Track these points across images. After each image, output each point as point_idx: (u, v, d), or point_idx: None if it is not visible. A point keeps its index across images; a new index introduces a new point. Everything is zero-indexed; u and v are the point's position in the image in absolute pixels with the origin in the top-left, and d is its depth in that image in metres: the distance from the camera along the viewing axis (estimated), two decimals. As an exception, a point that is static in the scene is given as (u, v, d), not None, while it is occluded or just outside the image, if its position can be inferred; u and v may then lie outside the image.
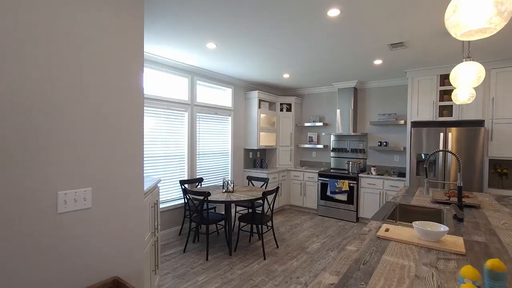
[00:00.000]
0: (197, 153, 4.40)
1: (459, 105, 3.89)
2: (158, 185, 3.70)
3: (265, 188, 4.35)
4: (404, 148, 4.78)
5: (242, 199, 3.28)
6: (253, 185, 4.50)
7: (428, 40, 2.99)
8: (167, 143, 3.94)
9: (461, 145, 3.76)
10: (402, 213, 2.39)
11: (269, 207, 3.49)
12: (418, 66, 4.01)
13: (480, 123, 3.94)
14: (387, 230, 1.61)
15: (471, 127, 3.70)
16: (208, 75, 4.51)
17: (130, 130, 1.58)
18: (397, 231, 1.59)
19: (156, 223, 2.34)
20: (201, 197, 3.30)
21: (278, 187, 3.55)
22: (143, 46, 1.65)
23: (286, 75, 4.68)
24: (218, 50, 3.42)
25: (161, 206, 3.82)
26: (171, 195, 4.03)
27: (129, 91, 1.56)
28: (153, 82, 3.78)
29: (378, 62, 3.80)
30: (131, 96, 1.58)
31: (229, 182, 3.75)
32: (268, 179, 4.33)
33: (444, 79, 4.06)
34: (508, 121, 3.60)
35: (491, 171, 3.89)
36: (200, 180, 4.31)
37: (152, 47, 3.35)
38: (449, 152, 1.88)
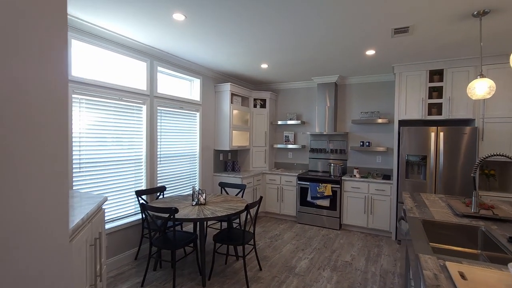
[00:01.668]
0: (159, 155, 3.58)
1: (449, 103, 3.67)
2: (104, 206, 2.84)
3: (242, 196, 3.70)
4: (388, 149, 4.49)
5: (220, 215, 2.60)
6: (227, 193, 3.83)
7: (435, 26, 2.61)
8: (119, 144, 3.08)
9: (452, 145, 3.53)
10: (427, 230, 1.94)
11: (252, 222, 2.86)
12: (407, 60, 3.70)
13: (469, 122, 3.76)
14: (462, 275, 1.08)
15: (464, 126, 3.48)
16: (172, 61, 3.71)
17: (43, 132, 0.83)
18: (477, 276, 1.07)
19: (98, 267, 1.56)
20: (166, 215, 2.54)
21: (261, 197, 2.93)
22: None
23: (264, 65, 4.08)
24: (187, 25, 2.68)
25: (111, 225, 2.95)
26: (124, 210, 3.17)
27: (37, 70, 0.81)
28: (100, 64, 2.90)
29: (370, 52, 3.39)
30: (42, 80, 0.83)
31: (200, 191, 3.04)
32: (245, 185, 3.69)
33: (433, 75, 3.82)
34: (499, 120, 3.44)
35: (478, 172, 3.73)
36: (162, 189, 3.51)
37: (97, 17, 2.50)
38: None
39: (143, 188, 3.38)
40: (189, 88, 4.25)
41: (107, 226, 2.91)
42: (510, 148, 3.39)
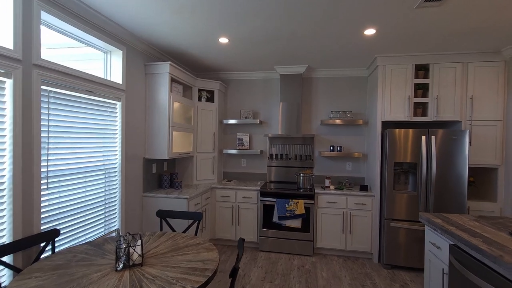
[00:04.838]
0: (45, 174, 1.98)
1: (435, 103, 3.23)
2: None
3: (196, 231, 2.42)
4: (363, 154, 3.89)
5: (181, 296, 1.32)
6: (171, 228, 2.48)
7: (477, -4, 1.98)
8: None
9: (444, 151, 3.08)
10: None
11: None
12: (392, 50, 3.11)
13: (455, 125, 3.41)
14: None
15: (455, 129, 3.07)
16: (72, 8, 2.15)
17: None
18: None
19: None
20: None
21: (243, 240, 1.77)
22: None
23: (224, 40, 2.88)
24: None
25: None
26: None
27: None
28: None
29: (369, 32, 2.62)
30: None
31: (132, 240, 1.66)
32: (201, 215, 2.43)
33: (418, 70, 3.35)
34: (484, 123, 3.16)
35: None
36: (52, 236, 1.93)
37: None
38: None
39: (7, 240, 1.75)
40: (105, 63, 2.70)
41: None
42: (496, 154, 3.13)
